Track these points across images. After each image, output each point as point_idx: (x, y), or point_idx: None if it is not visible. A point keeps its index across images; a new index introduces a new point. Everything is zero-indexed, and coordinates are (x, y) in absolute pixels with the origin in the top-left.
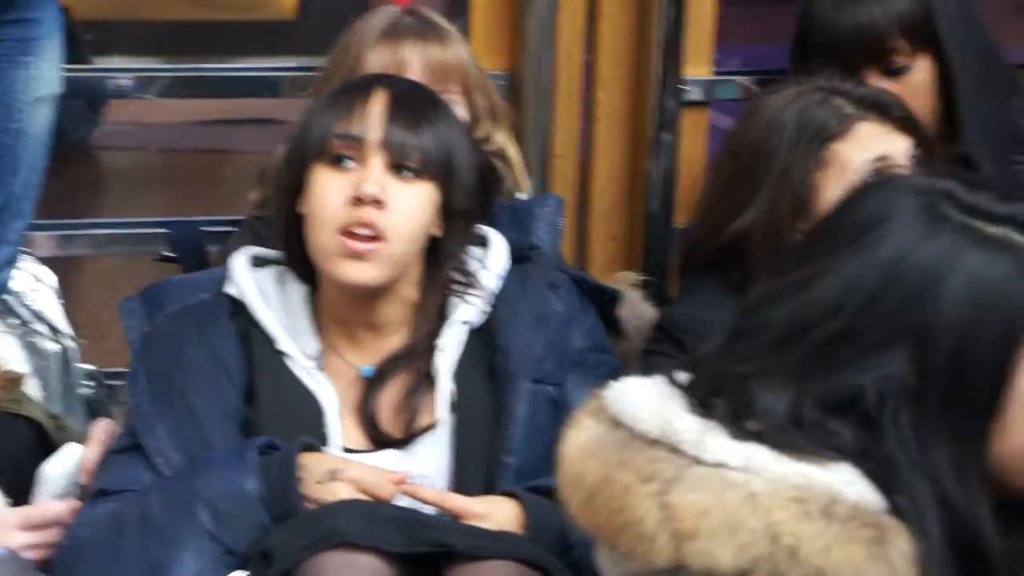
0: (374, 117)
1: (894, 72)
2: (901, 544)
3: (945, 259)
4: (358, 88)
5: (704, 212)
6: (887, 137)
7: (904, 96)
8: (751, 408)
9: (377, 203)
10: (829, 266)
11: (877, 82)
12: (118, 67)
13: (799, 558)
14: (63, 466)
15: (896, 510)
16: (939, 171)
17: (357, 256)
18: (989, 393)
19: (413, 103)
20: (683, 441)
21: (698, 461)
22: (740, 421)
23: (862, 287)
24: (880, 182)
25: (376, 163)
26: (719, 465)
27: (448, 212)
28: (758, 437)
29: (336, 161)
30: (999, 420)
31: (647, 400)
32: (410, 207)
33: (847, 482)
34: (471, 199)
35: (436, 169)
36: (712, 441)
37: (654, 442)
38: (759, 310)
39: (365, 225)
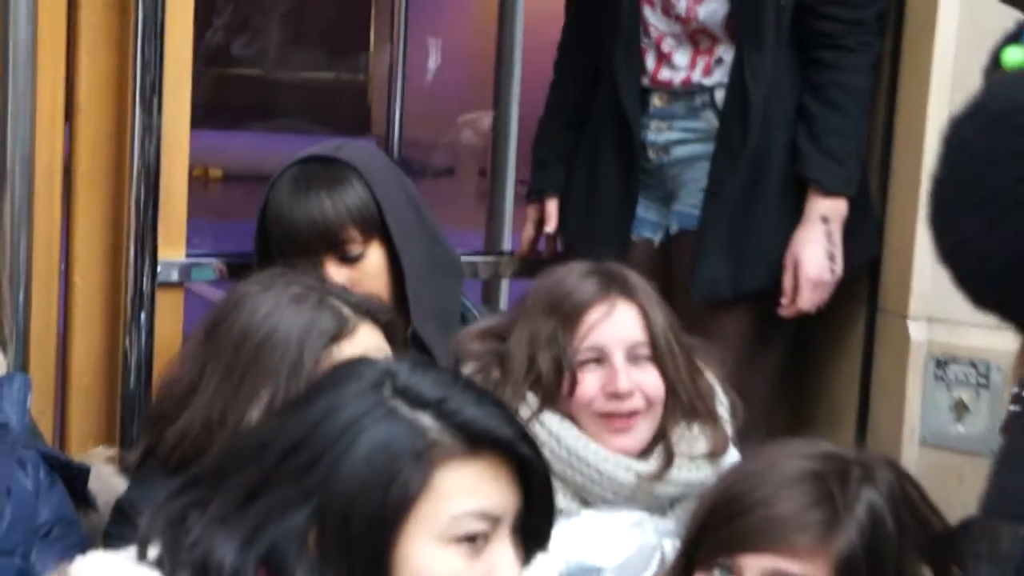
0: None
1: (350, 260)
2: None
3: (356, 426)
4: None
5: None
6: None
7: (361, 280)
8: None
9: None
10: (271, 421)
11: (335, 269)
12: None
13: None
14: None
15: None
16: (403, 354)
17: None
18: (373, 563)
19: None
20: None
21: None
22: None
23: (284, 437)
24: (357, 359)
25: None
26: None
27: None
28: None
29: None
30: None
31: (114, 574)
32: None
33: None
34: None
35: None
36: None
37: None
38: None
39: None
